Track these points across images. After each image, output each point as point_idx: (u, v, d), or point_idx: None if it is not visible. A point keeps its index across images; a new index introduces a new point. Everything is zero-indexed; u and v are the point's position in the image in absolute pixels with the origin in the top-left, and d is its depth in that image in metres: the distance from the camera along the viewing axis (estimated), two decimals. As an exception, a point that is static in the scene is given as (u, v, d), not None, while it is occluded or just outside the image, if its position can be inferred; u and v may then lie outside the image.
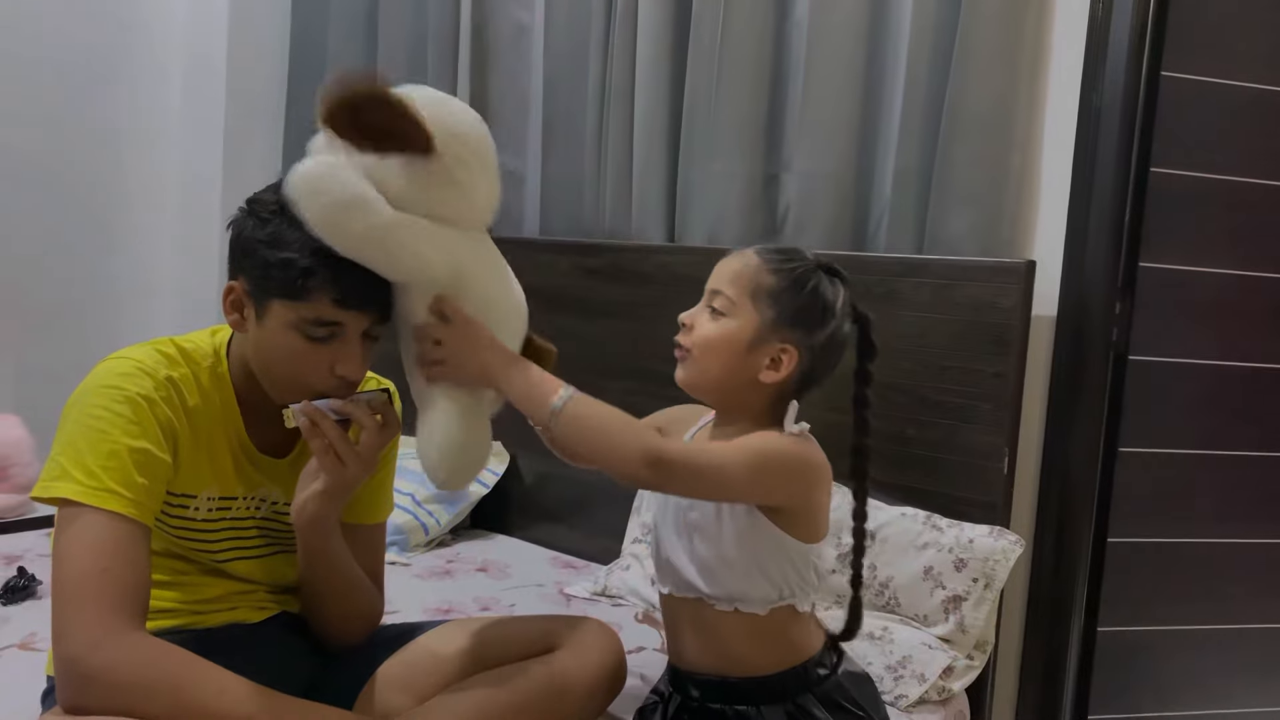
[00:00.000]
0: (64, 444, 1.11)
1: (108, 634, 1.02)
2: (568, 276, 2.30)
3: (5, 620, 1.66)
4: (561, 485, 2.35)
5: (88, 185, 2.82)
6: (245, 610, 1.30)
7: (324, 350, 1.15)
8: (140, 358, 1.17)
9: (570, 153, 2.37)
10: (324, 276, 1.10)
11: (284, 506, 1.28)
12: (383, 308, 1.18)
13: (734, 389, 1.21)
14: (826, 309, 1.21)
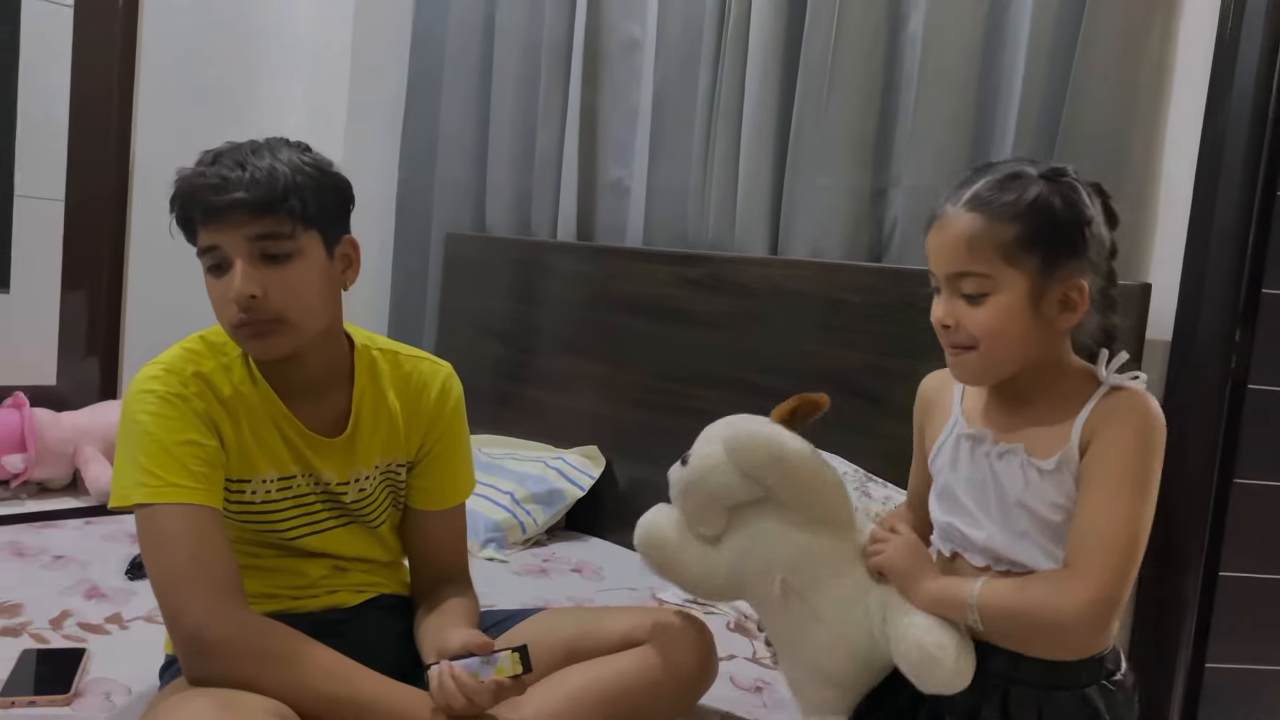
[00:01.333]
0: (121, 454, 1.18)
1: (217, 610, 1.09)
2: (669, 286, 2.33)
3: (133, 594, 1.77)
4: (655, 491, 2.36)
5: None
6: (344, 594, 1.35)
7: (223, 281, 1.18)
8: (167, 360, 1.23)
9: (676, 164, 2.40)
10: (185, 206, 1.18)
11: (337, 486, 1.31)
12: (257, 214, 1.15)
13: (1033, 353, 1.08)
14: (1079, 217, 1.06)
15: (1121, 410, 1.05)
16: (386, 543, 1.41)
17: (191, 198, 1.15)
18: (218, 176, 1.14)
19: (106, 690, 1.38)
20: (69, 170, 2.62)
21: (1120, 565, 1.01)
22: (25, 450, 2.37)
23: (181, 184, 1.17)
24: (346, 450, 1.30)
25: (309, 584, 1.33)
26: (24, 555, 1.92)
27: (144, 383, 1.20)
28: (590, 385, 2.50)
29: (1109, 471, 1.03)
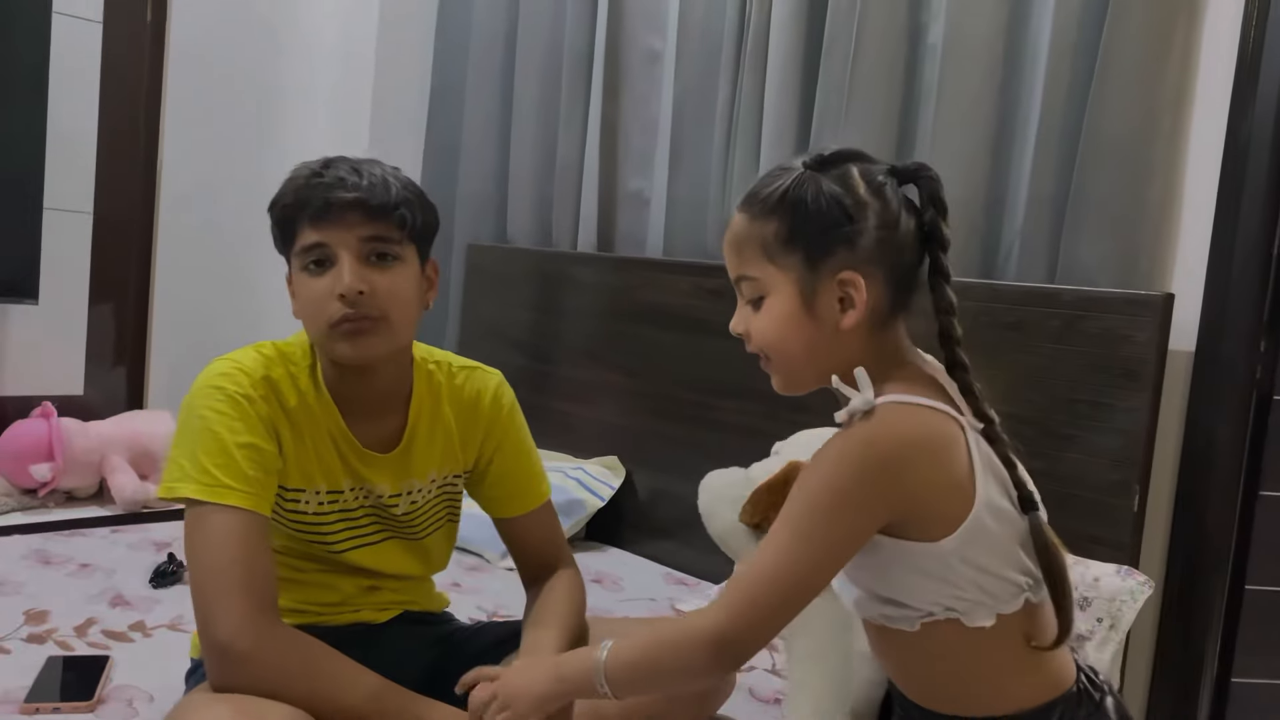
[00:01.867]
0: (179, 445, 1.18)
1: (249, 621, 1.09)
2: (688, 297, 2.34)
3: (157, 602, 1.79)
4: (675, 502, 2.37)
5: (236, 214, 3.00)
6: (369, 611, 1.36)
7: (324, 280, 1.18)
8: (240, 359, 1.23)
9: (696, 175, 2.41)
10: (295, 204, 1.18)
11: (390, 499, 1.31)
12: (371, 218, 1.17)
13: (831, 360, 0.97)
14: (844, 205, 0.95)
15: (838, 439, 0.95)
16: (430, 556, 1.41)
17: (307, 195, 1.17)
18: (335, 178, 1.17)
19: (129, 698, 1.39)
20: (97, 183, 2.67)
21: (750, 605, 0.92)
22: (53, 459, 2.40)
23: (294, 183, 1.19)
24: (400, 464, 1.31)
25: (340, 600, 1.34)
26: (51, 563, 1.95)
27: (214, 378, 1.20)
28: (611, 395, 2.51)
29: (790, 504, 0.94)
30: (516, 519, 1.41)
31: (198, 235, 2.90)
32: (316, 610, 1.31)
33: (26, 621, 1.64)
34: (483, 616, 1.82)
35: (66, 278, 2.62)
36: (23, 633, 1.59)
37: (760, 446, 2.12)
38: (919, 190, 0.99)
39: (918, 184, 0.99)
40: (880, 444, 0.92)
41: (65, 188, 2.57)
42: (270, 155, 3.03)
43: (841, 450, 0.93)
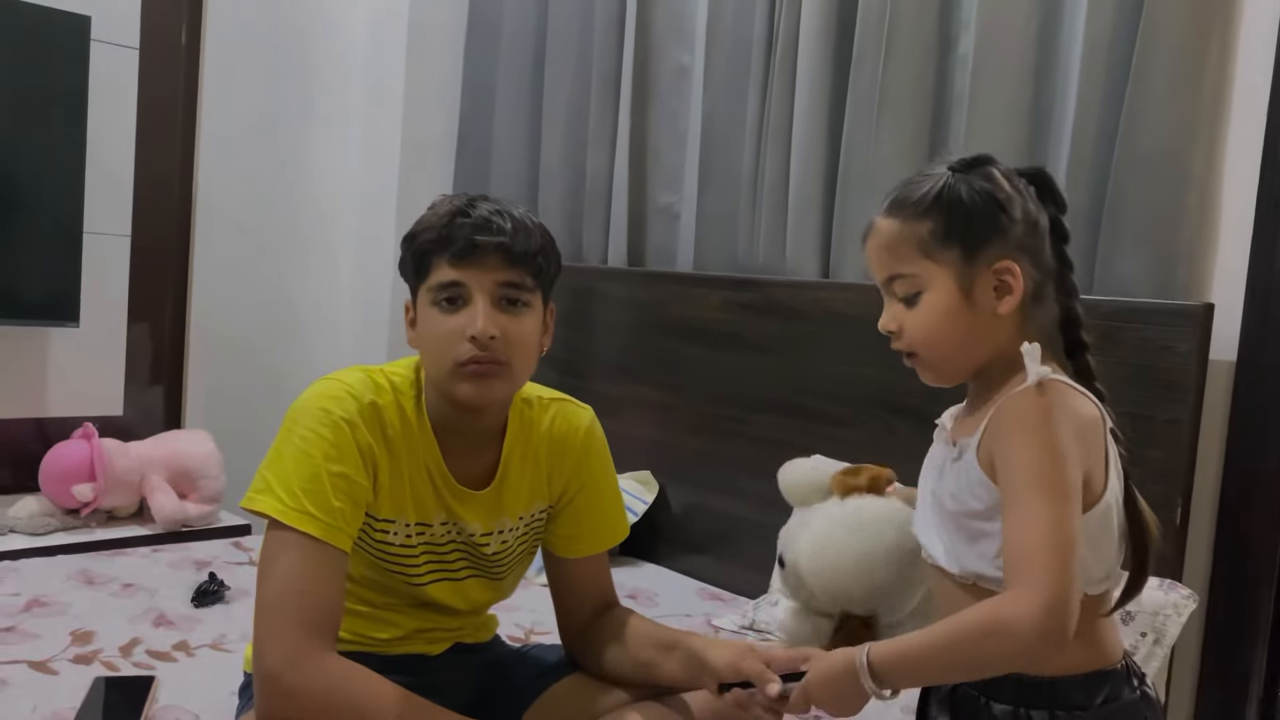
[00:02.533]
0: (272, 459, 1.19)
1: (300, 655, 1.10)
2: (720, 311, 2.34)
3: (199, 621, 1.81)
4: (709, 517, 2.37)
5: (271, 237, 3.05)
6: (422, 644, 1.36)
7: (456, 318, 1.18)
8: (351, 382, 1.23)
9: (726, 189, 2.41)
10: (438, 241, 1.18)
11: (481, 539, 1.31)
12: (509, 264, 1.18)
13: (985, 347, 1.07)
14: (997, 199, 1.04)
15: (1009, 411, 1.01)
16: (504, 590, 1.41)
17: (450, 232, 1.17)
18: (481, 219, 1.17)
19: (175, 718, 1.40)
20: (135, 207, 2.71)
21: (1060, 566, 0.94)
22: (95, 479, 2.43)
23: (437, 218, 1.19)
24: (492, 503, 1.31)
25: (399, 637, 1.34)
26: (94, 583, 1.97)
27: (321, 399, 1.20)
28: (643, 411, 2.51)
29: (1015, 482, 0.99)
30: (579, 561, 1.39)
31: (234, 258, 2.94)
32: (371, 642, 1.32)
33: (73, 642, 1.66)
34: (519, 633, 1.82)
35: (106, 301, 2.66)
36: (69, 654, 1.61)
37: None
38: (1039, 189, 1.08)
39: (1038, 183, 1.09)
40: (1066, 410, 1.00)
41: (104, 212, 2.62)
42: (303, 179, 3.07)
43: (1038, 413, 0.99)
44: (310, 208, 3.08)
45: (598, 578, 1.41)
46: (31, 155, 2.43)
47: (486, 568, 1.36)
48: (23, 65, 2.39)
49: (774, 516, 2.15)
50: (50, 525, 2.41)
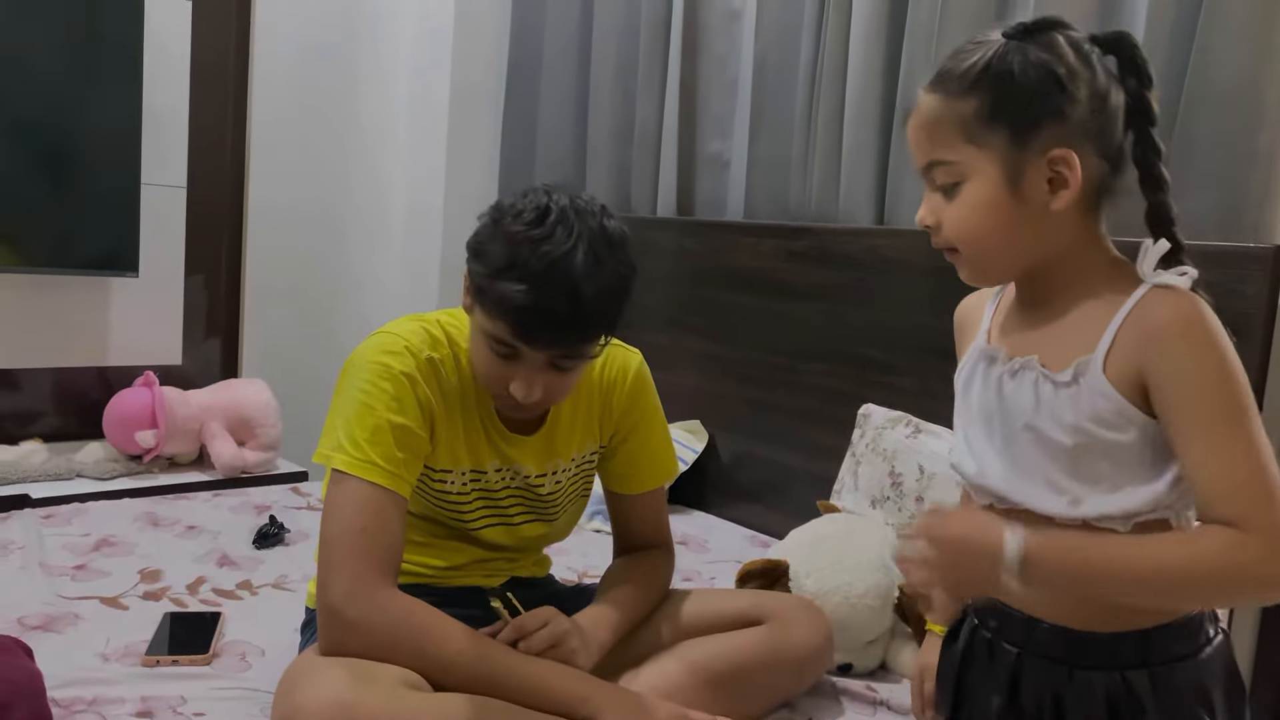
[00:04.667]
0: (336, 413, 1.22)
1: (362, 590, 1.12)
2: (771, 259, 2.32)
3: (260, 562, 1.85)
4: (758, 466, 2.37)
5: (323, 188, 3.06)
6: (480, 577, 1.39)
7: (506, 365, 1.19)
8: (408, 337, 1.25)
9: (777, 136, 2.38)
10: (508, 305, 1.12)
11: (536, 480, 1.35)
12: (568, 347, 1.17)
13: (1035, 247, 0.92)
14: (1056, 73, 0.89)
15: (1162, 321, 0.86)
16: (559, 531, 1.45)
17: (516, 305, 1.11)
18: (549, 307, 1.11)
19: (241, 651, 1.44)
20: (190, 159, 2.74)
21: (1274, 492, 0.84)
22: (156, 426, 2.49)
23: (511, 274, 1.11)
24: (544, 445, 1.34)
25: (457, 566, 1.37)
26: (159, 525, 2.02)
27: (379, 354, 1.23)
28: (693, 360, 2.51)
29: (1200, 406, 0.85)
30: (632, 497, 1.44)
31: (286, 209, 2.97)
32: (431, 573, 1.35)
33: (141, 580, 1.71)
34: (573, 577, 1.84)
35: (164, 252, 2.71)
36: (138, 590, 1.66)
37: (849, 410, 2.10)
38: (1120, 61, 0.92)
39: (1119, 53, 0.92)
40: (1214, 317, 0.87)
41: (161, 163, 2.65)
42: (353, 129, 3.08)
43: (1204, 323, 0.86)
44: (361, 158, 3.10)
45: (650, 514, 1.46)
46: (89, 109, 2.46)
47: (541, 509, 1.38)
48: (78, 19, 2.42)
49: (825, 465, 2.15)
50: (115, 470, 2.47)
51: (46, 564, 1.75)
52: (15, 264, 2.43)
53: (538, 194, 1.17)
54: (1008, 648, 0.99)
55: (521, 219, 1.13)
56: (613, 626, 1.30)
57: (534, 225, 1.13)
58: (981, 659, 1.02)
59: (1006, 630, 0.99)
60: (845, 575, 1.52)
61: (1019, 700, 0.98)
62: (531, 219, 1.13)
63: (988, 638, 1.01)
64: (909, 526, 0.93)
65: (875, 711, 1.42)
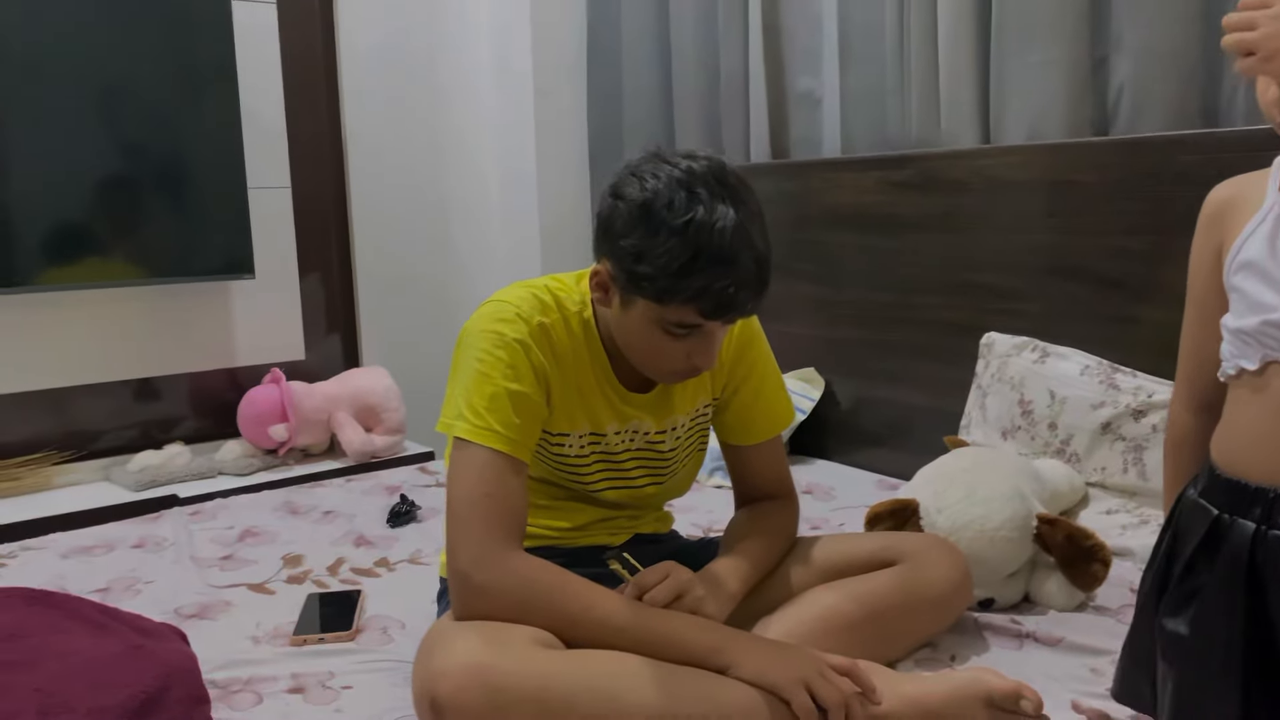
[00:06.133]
0: (455, 383, 1.23)
1: (490, 553, 1.13)
2: (874, 193, 2.24)
3: (396, 540, 1.90)
4: (879, 409, 2.31)
5: (419, 173, 3.12)
6: (604, 535, 1.40)
7: (682, 344, 1.19)
8: (518, 304, 1.25)
9: (869, 65, 2.29)
10: (710, 293, 1.12)
11: (656, 435, 1.35)
12: (753, 311, 1.18)
13: None
14: None
15: None
16: (678, 486, 1.44)
17: (704, 287, 1.11)
18: (738, 284, 1.12)
19: (384, 626, 1.48)
20: (291, 158, 2.81)
21: None
22: (287, 420, 2.58)
23: (686, 260, 1.10)
24: (661, 403, 1.34)
25: (580, 525, 1.38)
26: (298, 513, 2.10)
27: (491, 322, 1.24)
28: (802, 307, 2.45)
29: None
30: (749, 448, 1.41)
31: (388, 198, 3.03)
32: (556, 535, 1.36)
33: (284, 565, 1.78)
34: (697, 533, 1.83)
35: (276, 252, 2.80)
36: (282, 575, 1.73)
37: (970, 342, 2.02)
38: None
39: None
40: None
41: (264, 167, 2.73)
42: (443, 112, 3.12)
43: None
44: (452, 138, 3.13)
45: (768, 464, 1.43)
46: (192, 122, 2.55)
47: (661, 466, 1.37)
48: (172, 36, 2.50)
49: (950, 401, 2.08)
50: (253, 465, 2.58)
51: (197, 557, 1.83)
52: (141, 277, 2.55)
53: (658, 167, 1.14)
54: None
55: (674, 207, 1.11)
56: (741, 577, 1.28)
57: (689, 207, 1.10)
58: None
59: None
60: (979, 508, 1.46)
61: None
62: (685, 202, 1.11)
63: None
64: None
65: (1022, 645, 1.37)
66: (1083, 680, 1.24)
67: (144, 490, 2.45)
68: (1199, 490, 1.02)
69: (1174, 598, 1.02)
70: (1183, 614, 1.00)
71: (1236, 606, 0.94)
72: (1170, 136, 1.75)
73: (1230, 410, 1.01)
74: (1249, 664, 0.93)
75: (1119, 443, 1.73)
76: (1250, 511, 0.95)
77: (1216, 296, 1.04)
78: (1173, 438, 1.17)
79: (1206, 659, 0.96)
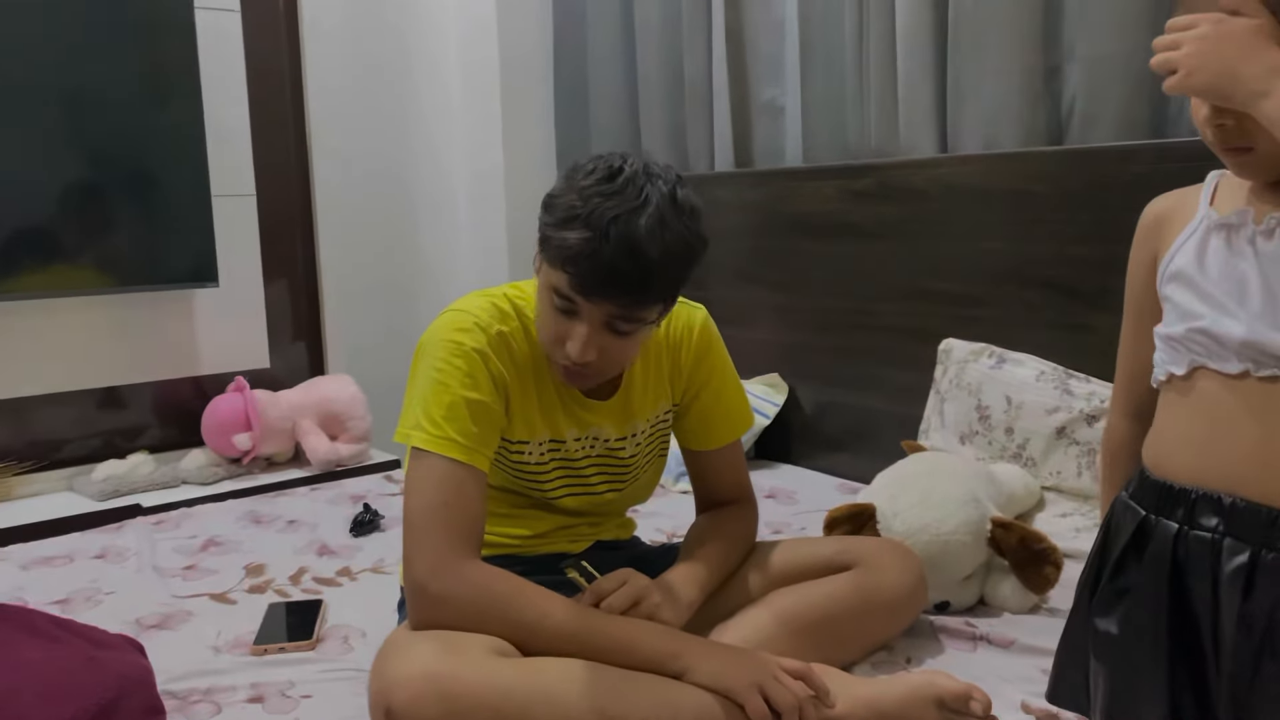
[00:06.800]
0: (413, 393, 1.24)
1: (445, 563, 1.14)
2: (835, 202, 2.27)
3: (359, 549, 1.90)
4: (841, 414, 2.33)
5: (387, 180, 3.11)
6: (564, 544, 1.41)
7: (563, 323, 1.18)
8: (477, 313, 1.26)
9: (830, 74, 2.32)
10: (557, 252, 1.12)
11: (616, 442, 1.36)
12: (626, 306, 1.14)
13: None
14: None
15: None
16: (638, 493, 1.45)
17: (576, 253, 1.11)
18: (608, 265, 1.10)
19: (344, 635, 1.49)
20: (256, 166, 2.80)
21: None
22: (251, 429, 2.57)
23: (573, 221, 1.11)
24: (621, 408, 1.35)
25: (540, 534, 1.38)
26: (261, 522, 2.10)
27: (450, 332, 1.24)
28: (765, 313, 2.48)
29: None
30: (709, 452, 1.43)
31: (354, 207, 3.03)
32: (516, 543, 1.37)
33: (247, 575, 1.77)
34: (661, 538, 1.84)
35: (241, 260, 2.78)
36: (245, 585, 1.73)
37: (929, 348, 2.05)
38: None
39: None
40: None
41: (228, 174, 2.72)
42: (410, 116, 3.12)
43: None
44: (420, 145, 3.13)
45: (728, 469, 1.45)
46: (157, 129, 2.53)
47: (621, 472, 1.39)
48: (136, 42, 2.49)
49: (910, 406, 2.10)
50: (217, 474, 2.56)
51: (159, 566, 1.83)
52: (105, 285, 2.53)
53: (613, 157, 1.17)
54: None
55: (593, 176, 1.14)
56: (699, 583, 1.29)
57: (604, 181, 1.13)
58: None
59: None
60: (933, 512, 1.49)
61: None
62: (603, 176, 1.13)
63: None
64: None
65: (976, 647, 1.40)
66: (1033, 681, 1.27)
67: (107, 500, 2.43)
68: (1129, 492, 1.05)
69: (1104, 597, 1.05)
70: (1113, 613, 1.03)
71: (1163, 604, 0.97)
72: (1120, 147, 1.79)
73: (1160, 415, 1.04)
74: (1174, 660, 0.97)
75: (1073, 447, 1.77)
76: (1174, 512, 0.98)
77: (1152, 306, 1.07)
78: (1109, 444, 1.19)
79: (1135, 656, 0.99)
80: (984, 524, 1.49)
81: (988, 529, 1.49)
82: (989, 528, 1.49)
